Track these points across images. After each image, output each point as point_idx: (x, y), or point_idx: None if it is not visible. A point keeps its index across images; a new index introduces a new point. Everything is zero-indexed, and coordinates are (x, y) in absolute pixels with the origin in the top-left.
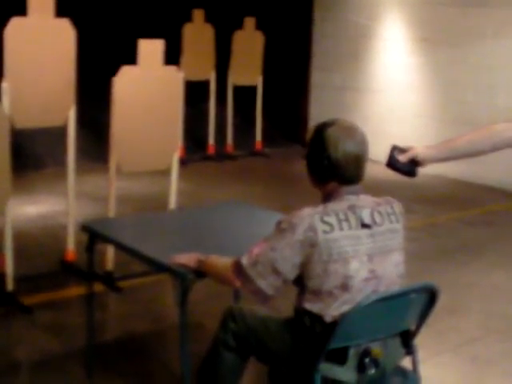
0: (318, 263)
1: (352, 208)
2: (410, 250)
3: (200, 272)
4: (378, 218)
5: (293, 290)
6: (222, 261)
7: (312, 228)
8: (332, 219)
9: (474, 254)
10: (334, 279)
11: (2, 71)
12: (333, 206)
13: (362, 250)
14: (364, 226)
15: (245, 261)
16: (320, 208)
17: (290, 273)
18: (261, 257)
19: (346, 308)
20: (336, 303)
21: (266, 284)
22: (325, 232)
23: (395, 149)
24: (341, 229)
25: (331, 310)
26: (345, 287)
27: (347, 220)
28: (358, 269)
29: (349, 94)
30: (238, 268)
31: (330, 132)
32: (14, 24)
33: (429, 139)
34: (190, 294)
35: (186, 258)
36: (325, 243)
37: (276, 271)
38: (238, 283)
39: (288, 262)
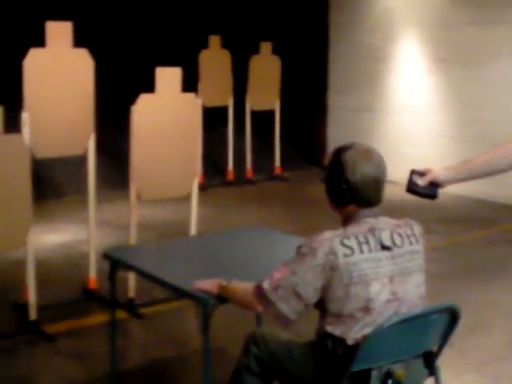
0: (339, 286)
1: (372, 230)
2: (431, 269)
3: (222, 297)
4: (397, 240)
5: (315, 313)
6: (243, 286)
7: (332, 252)
8: (352, 242)
9: (496, 273)
10: (356, 302)
11: (22, 102)
12: (352, 228)
13: (383, 272)
14: (384, 248)
15: (266, 285)
16: (340, 231)
17: (312, 297)
18: (282, 281)
19: (367, 330)
20: (357, 326)
21: (288, 308)
22: (345, 255)
23: (414, 173)
24: (361, 252)
25: (353, 333)
26: (366, 310)
27: (367, 243)
28: (379, 291)
29: (366, 115)
30: (260, 293)
31: (348, 155)
32: (33, 55)
33: (447, 159)
34: (211, 320)
35: (208, 284)
36: (345, 267)
37: (298, 295)
38: (259, 308)
39: (309, 286)
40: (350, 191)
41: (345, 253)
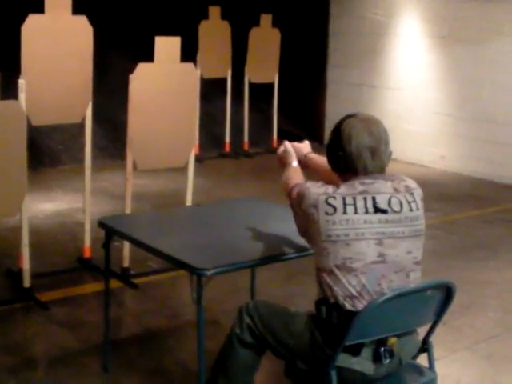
0: (318, 241)
1: (363, 193)
2: (427, 247)
3: (217, 269)
4: (395, 205)
5: (313, 288)
6: (295, 175)
7: (315, 206)
8: (337, 202)
9: (491, 252)
10: (333, 259)
11: (19, 68)
12: (343, 190)
13: (370, 234)
14: (379, 210)
15: (293, 193)
16: (330, 190)
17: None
18: (293, 202)
19: (353, 290)
20: (341, 283)
21: (296, 216)
22: (326, 213)
23: None
24: (344, 212)
25: (340, 290)
26: (346, 268)
27: (354, 204)
28: (362, 252)
29: (365, 90)
30: (291, 192)
31: (347, 124)
32: (31, 21)
33: (445, 136)
34: (205, 291)
35: (289, 155)
36: (324, 224)
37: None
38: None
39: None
40: (345, 159)
41: (326, 211)
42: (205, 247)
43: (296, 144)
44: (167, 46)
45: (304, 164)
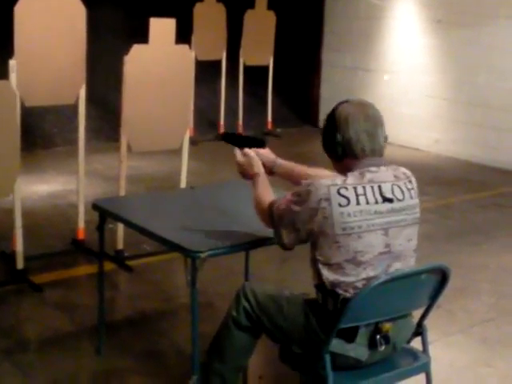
0: (330, 236)
1: (371, 182)
2: (421, 231)
3: (212, 251)
4: (398, 193)
5: (306, 271)
6: (265, 192)
7: (327, 199)
8: (350, 193)
9: (486, 236)
10: (344, 253)
11: (12, 49)
12: (352, 179)
13: (379, 224)
14: (386, 199)
15: (275, 210)
16: (339, 180)
17: (306, 236)
18: (285, 212)
19: (359, 284)
20: (348, 277)
21: (287, 237)
22: (340, 205)
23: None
24: (357, 203)
25: (344, 284)
26: (355, 262)
27: (365, 194)
28: (372, 244)
29: (360, 74)
30: (270, 213)
31: (341, 110)
32: (24, 2)
33: (440, 121)
34: (200, 274)
35: (255, 163)
36: (339, 216)
37: (297, 230)
38: (266, 222)
39: (305, 224)
40: (343, 145)
41: (340, 202)
42: (199, 229)
43: (260, 151)
44: (162, 28)
45: (270, 171)
